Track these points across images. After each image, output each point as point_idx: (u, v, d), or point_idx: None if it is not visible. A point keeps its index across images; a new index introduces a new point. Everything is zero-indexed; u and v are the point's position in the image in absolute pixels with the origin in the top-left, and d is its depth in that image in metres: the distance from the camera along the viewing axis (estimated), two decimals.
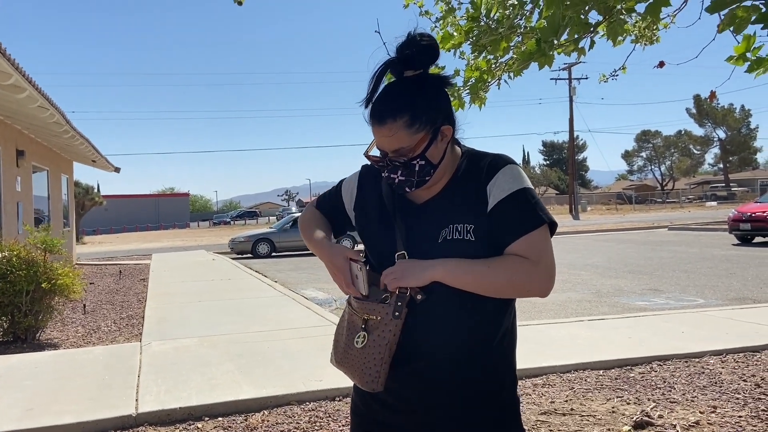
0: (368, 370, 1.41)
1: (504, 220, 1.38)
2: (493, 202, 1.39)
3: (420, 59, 1.40)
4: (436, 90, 1.43)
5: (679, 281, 9.95)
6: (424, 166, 1.40)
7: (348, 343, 1.47)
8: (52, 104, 8.07)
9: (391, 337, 1.39)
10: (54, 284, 6.43)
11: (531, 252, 1.37)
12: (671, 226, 24.68)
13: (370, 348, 1.41)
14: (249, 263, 16.31)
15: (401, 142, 1.37)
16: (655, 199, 63.92)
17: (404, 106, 1.37)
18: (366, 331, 1.43)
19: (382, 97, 1.41)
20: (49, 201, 13.57)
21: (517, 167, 1.44)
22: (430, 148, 1.39)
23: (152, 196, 77.75)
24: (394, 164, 1.40)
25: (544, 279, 1.38)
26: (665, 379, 4.45)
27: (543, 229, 1.39)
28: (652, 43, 3.55)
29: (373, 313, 1.43)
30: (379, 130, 1.39)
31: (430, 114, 1.38)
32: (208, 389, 4.40)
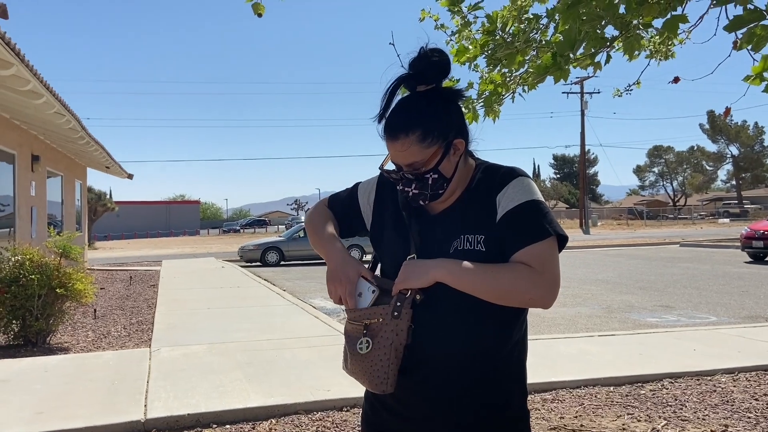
0: (376, 372, 1.41)
1: (511, 229, 1.39)
2: (501, 211, 1.41)
3: (432, 74, 1.42)
4: (448, 104, 1.45)
5: (690, 298, 9.86)
6: (437, 180, 1.42)
7: (352, 350, 1.47)
8: (69, 110, 8.17)
9: (393, 337, 1.39)
10: (68, 289, 6.48)
11: (536, 261, 1.36)
12: (683, 243, 24.50)
13: (375, 351, 1.41)
14: (258, 271, 16.34)
15: (414, 157, 1.39)
16: (666, 215, 63.48)
17: (417, 121, 1.39)
18: (368, 336, 1.43)
19: (395, 112, 1.43)
20: (63, 206, 13.69)
21: (528, 179, 1.45)
22: (443, 162, 1.41)
23: (163, 203, 78.18)
24: (408, 178, 1.42)
25: (546, 289, 1.36)
26: (676, 396, 4.41)
27: (550, 241, 1.38)
28: (667, 58, 3.55)
29: (373, 317, 1.43)
30: (392, 144, 1.41)
31: (442, 128, 1.40)
32: (216, 396, 4.40)
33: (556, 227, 1.40)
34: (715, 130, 68.46)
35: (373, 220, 1.62)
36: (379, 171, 1.52)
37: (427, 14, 3.68)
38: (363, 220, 1.65)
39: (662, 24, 1.96)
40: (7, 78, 5.93)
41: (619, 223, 54.00)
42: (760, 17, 1.58)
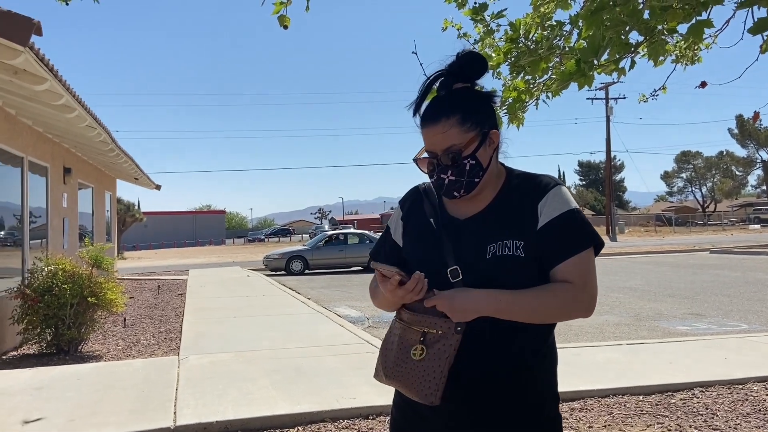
0: (427, 383, 1.42)
1: (553, 240, 1.43)
2: (544, 220, 1.44)
3: (469, 73, 1.49)
4: (483, 100, 1.51)
5: (721, 306, 9.66)
6: (474, 167, 1.45)
7: (401, 356, 1.48)
8: (100, 123, 8.36)
9: (451, 351, 1.41)
10: (99, 298, 6.62)
11: (577, 276, 1.42)
12: (713, 249, 24.02)
13: (430, 361, 1.42)
14: (283, 280, 16.45)
15: (453, 140, 1.44)
16: (695, 222, 62.30)
17: (457, 105, 1.45)
18: (425, 344, 1.44)
19: (435, 100, 1.50)
20: (93, 217, 13.97)
21: (566, 189, 1.50)
22: (480, 150, 1.46)
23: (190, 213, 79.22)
24: (445, 164, 1.46)
25: (587, 303, 1.45)
26: (707, 405, 4.33)
27: (590, 252, 1.45)
28: (693, 63, 3.52)
29: (433, 326, 1.44)
30: (432, 128, 1.46)
31: (479, 116, 1.46)
32: (244, 404, 4.45)
33: (594, 236, 1.46)
34: (745, 134, 67.06)
35: (403, 235, 1.64)
36: (414, 162, 1.56)
37: (449, 23, 3.70)
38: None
39: (687, 29, 1.95)
40: (41, 93, 6.10)
41: (647, 230, 53.16)
42: None
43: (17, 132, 7.73)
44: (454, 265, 1.45)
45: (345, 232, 22.47)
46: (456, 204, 1.54)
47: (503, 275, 1.42)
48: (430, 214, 1.56)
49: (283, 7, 2.64)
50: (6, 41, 4.57)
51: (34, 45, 4.88)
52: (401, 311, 1.55)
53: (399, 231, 1.66)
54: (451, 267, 1.45)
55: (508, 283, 1.42)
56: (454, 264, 1.45)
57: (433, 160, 1.48)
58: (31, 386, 5.12)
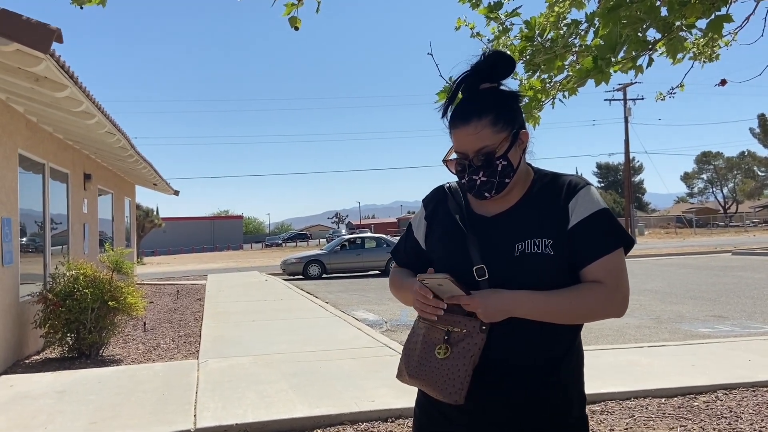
0: (451, 381, 1.41)
1: (585, 239, 1.43)
2: (575, 220, 1.44)
3: (497, 72, 1.49)
4: (511, 99, 1.51)
5: (744, 307, 9.50)
6: (506, 167, 1.45)
7: (425, 356, 1.47)
8: (119, 129, 8.47)
9: (476, 350, 1.41)
10: (119, 302, 6.69)
11: (609, 276, 1.42)
12: (735, 251, 23.64)
13: (454, 360, 1.42)
14: (300, 284, 16.51)
15: (485, 141, 1.43)
16: (717, 223, 61.40)
17: (488, 106, 1.45)
18: (449, 343, 1.44)
19: (465, 101, 1.49)
20: (113, 223, 14.15)
21: (594, 188, 1.50)
22: (511, 150, 1.45)
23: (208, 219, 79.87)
24: (476, 165, 1.45)
25: (620, 304, 1.44)
26: (731, 408, 4.25)
27: (620, 252, 1.45)
28: (711, 60, 3.47)
29: (457, 325, 1.44)
30: (463, 129, 1.45)
31: (509, 117, 1.46)
32: (263, 407, 4.46)
33: (624, 235, 1.46)
34: (767, 133, 66.02)
35: (426, 236, 1.64)
36: (443, 164, 1.56)
37: (462, 23, 3.69)
38: (426, 251, 1.65)
39: (706, 25, 1.93)
40: (61, 100, 6.19)
41: (667, 231, 52.50)
42: None
43: (39, 139, 7.86)
44: (480, 263, 1.45)
45: (362, 236, 22.50)
46: (483, 203, 1.54)
47: (531, 273, 1.42)
48: (456, 212, 1.56)
49: (294, 8, 2.65)
50: (27, 48, 4.65)
51: (54, 52, 4.96)
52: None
53: (422, 230, 1.65)
54: (477, 265, 1.45)
55: (535, 282, 1.41)
56: (480, 262, 1.45)
57: (464, 162, 1.47)
58: (53, 389, 5.19)
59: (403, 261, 1.73)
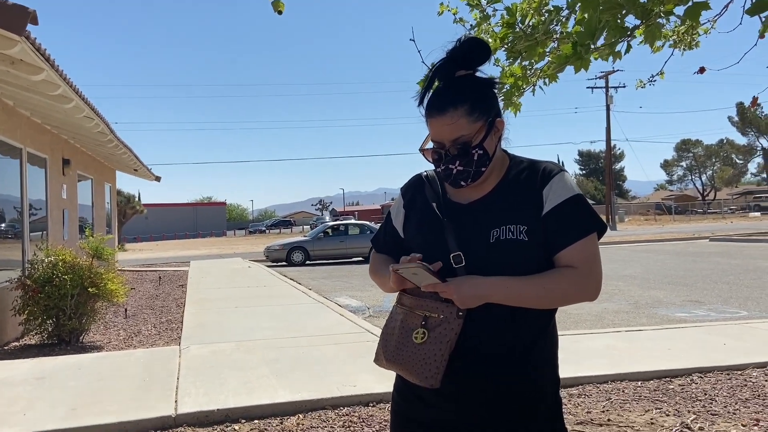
0: (428, 366, 1.43)
1: (558, 225, 1.45)
2: (549, 206, 1.45)
3: (472, 58, 1.49)
4: (487, 87, 1.51)
5: (720, 293, 9.68)
6: (482, 156, 1.46)
7: (403, 341, 1.49)
8: (98, 114, 8.34)
9: (453, 335, 1.43)
10: (100, 289, 6.63)
11: (582, 261, 1.44)
12: (713, 237, 24.03)
13: (431, 344, 1.44)
14: (284, 271, 16.49)
15: (461, 130, 1.44)
16: (695, 210, 62.30)
17: (464, 95, 1.45)
18: (426, 328, 1.46)
19: (441, 90, 1.49)
20: (93, 209, 13.98)
21: (569, 174, 1.51)
22: (487, 139, 1.46)
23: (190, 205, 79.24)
24: (452, 154, 1.46)
25: (594, 288, 1.47)
26: (706, 391, 4.35)
27: (593, 237, 1.47)
28: (691, 48, 3.50)
29: (435, 311, 1.46)
30: (439, 119, 1.45)
31: (485, 105, 1.46)
32: (245, 392, 4.47)
33: (597, 221, 1.48)
34: (745, 122, 66.92)
35: (404, 224, 1.65)
36: (420, 153, 1.56)
37: (445, 8, 3.68)
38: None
39: (684, 11, 1.95)
40: (38, 83, 6.08)
41: (647, 218, 53.18)
42: None
43: (16, 123, 7.72)
44: (457, 250, 1.46)
45: (346, 223, 22.49)
46: (459, 190, 1.55)
47: (506, 259, 1.43)
48: (433, 200, 1.57)
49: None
50: (2, 30, 4.55)
51: (30, 34, 4.86)
52: (403, 296, 1.56)
53: (400, 218, 1.67)
54: (454, 253, 1.46)
55: (511, 268, 1.43)
56: (456, 249, 1.46)
57: (440, 151, 1.48)
58: (32, 376, 5.14)
59: (382, 249, 1.74)
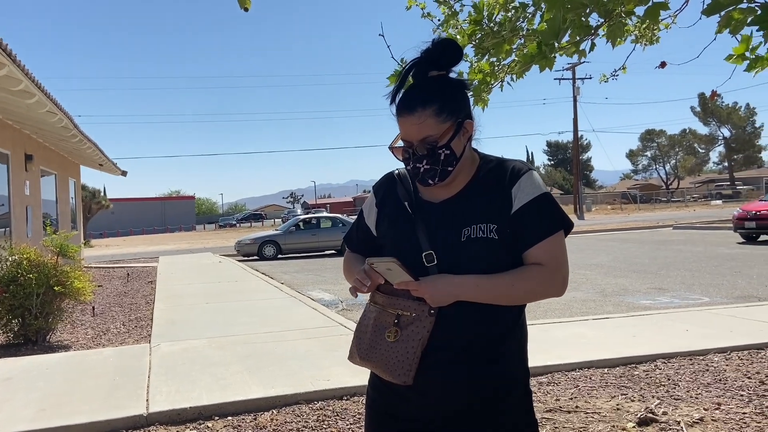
0: (400, 363, 1.46)
1: (527, 223, 1.49)
2: (518, 204, 1.49)
3: (445, 59, 1.51)
4: (458, 89, 1.54)
5: (684, 280, 9.96)
6: (449, 156, 1.49)
7: (376, 339, 1.52)
8: (61, 109, 8.16)
9: (425, 333, 1.46)
10: (66, 287, 6.52)
11: (549, 258, 1.48)
12: (676, 225, 24.64)
13: (404, 342, 1.47)
14: (255, 265, 16.38)
15: (429, 130, 1.46)
16: (660, 198, 63.74)
17: (433, 96, 1.47)
18: (398, 326, 1.49)
19: (411, 89, 1.51)
20: (57, 205, 13.68)
21: (537, 173, 1.55)
22: (455, 140, 1.49)
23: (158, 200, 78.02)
24: (420, 154, 1.49)
25: (561, 285, 1.52)
26: (669, 376, 4.49)
27: (560, 234, 1.51)
28: (652, 43, 3.59)
29: (407, 309, 1.49)
30: (408, 118, 1.48)
31: (455, 107, 1.49)
32: (217, 389, 4.46)
33: (564, 219, 1.52)
34: (707, 112, 68.70)
35: (377, 222, 1.68)
36: (390, 150, 1.58)
37: (413, 2, 3.70)
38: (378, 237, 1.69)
39: (644, 12, 2.01)
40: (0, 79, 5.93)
41: (613, 207, 54.21)
42: (736, 1, 1.63)
43: None
44: (429, 248, 1.49)
45: (318, 216, 22.43)
46: (430, 189, 1.58)
47: (477, 258, 1.47)
48: (405, 198, 1.60)
49: None
50: None
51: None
52: (376, 295, 1.58)
53: (373, 217, 1.69)
54: (426, 251, 1.49)
55: (482, 266, 1.46)
56: (429, 248, 1.49)
57: (409, 149, 1.50)
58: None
59: (355, 247, 1.76)
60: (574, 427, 3.63)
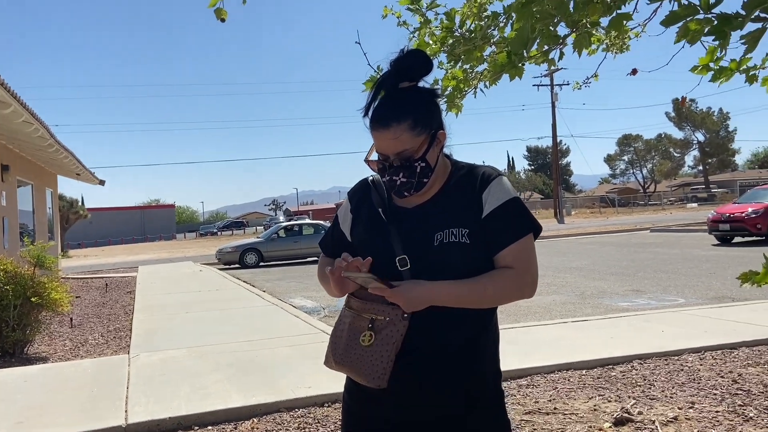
0: (375, 367, 1.49)
1: (497, 227, 1.53)
2: (488, 209, 1.53)
3: (414, 71, 1.54)
4: (430, 100, 1.57)
5: (660, 282, 10.12)
6: (424, 168, 1.52)
7: (351, 343, 1.55)
8: (37, 119, 8.08)
9: (399, 337, 1.49)
10: (43, 298, 6.44)
11: (519, 261, 1.52)
12: (653, 228, 24.99)
13: (378, 347, 1.50)
14: (237, 273, 16.29)
15: (405, 145, 1.50)
16: (637, 202, 64.57)
17: (407, 110, 1.50)
18: (373, 330, 1.51)
19: (384, 103, 1.53)
20: (34, 215, 13.49)
21: (506, 178, 1.60)
22: (429, 152, 1.52)
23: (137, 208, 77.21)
24: (396, 166, 1.52)
25: (529, 287, 1.55)
26: (645, 377, 4.56)
27: (529, 237, 1.55)
28: (622, 51, 3.68)
29: (381, 314, 1.52)
30: (383, 133, 1.51)
31: (428, 119, 1.53)
32: (197, 399, 4.44)
33: (533, 222, 1.56)
34: (681, 117, 69.90)
35: (352, 228, 1.70)
36: (365, 163, 1.61)
37: (389, 11, 3.75)
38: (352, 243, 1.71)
39: (608, 22, 2.08)
40: None
41: (593, 211, 54.82)
42: (693, 12, 1.69)
43: None
44: (402, 253, 1.52)
45: (300, 223, 22.36)
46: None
47: (450, 262, 1.50)
48: (379, 204, 1.63)
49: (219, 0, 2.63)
50: None
51: None
52: (350, 299, 1.61)
53: (348, 223, 1.72)
54: (399, 256, 1.52)
55: (454, 270, 1.50)
56: (402, 253, 1.52)
57: (385, 162, 1.53)
58: None
59: (330, 252, 1.78)
60: (553, 428, 3.68)
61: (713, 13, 1.70)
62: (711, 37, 1.72)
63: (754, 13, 1.73)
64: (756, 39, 1.80)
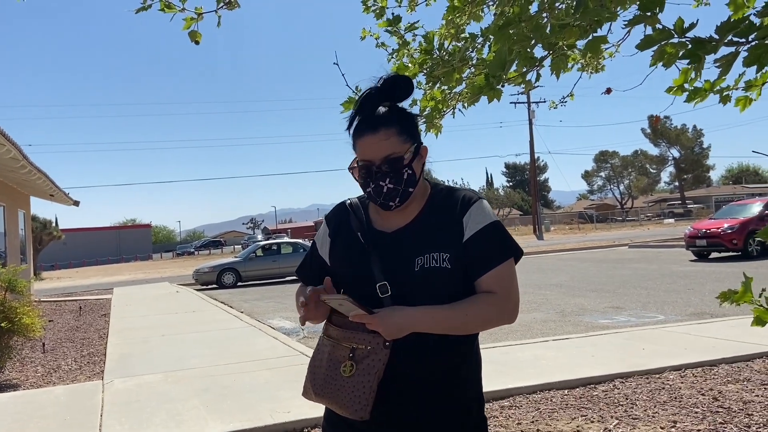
0: (357, 398, 1.44)
1: (477, 252, 1.50)
2: (468, 233, 1.51)
3: (396, 93, 1.55)
4: (411, 118, 1.59)
5: (639, 298, 10.18)
6: (411, 176, 1.52)
7: (331, 374, 1.50)
8: (9, 140, 7.93)
9: (380, 366, 1.45)
10: (14, 323, 6.26)
11: (500, 286, 1.50)
12: (631, 244, 25.28)
13: (359, 377, 1.45)
14: (214, 294, 16.07)
15: (393, 148, 1.49)
16: (615, 218, 65.44)
17: (394, 118, 1.53)
18: (354, 360, 1.47)
19: (370, 114, 1.54)
20: (6, 237, 13.20)
21: (486, 202, 1.58)
22: (414, 161, 1.52)
23: (113, 229, 76.13)
24: (383, 171, 1.50)
25: (511, 312, 1.53)
26: (627, 396, 4.55)
27: (510, 262, 1.54)
28: (597, 71, 3.73)
29: (362, 342, 1.47)
30: (371, 137, 1.50)
31: (413, 131, 1.55)
32: (173, 425, 4.32)
33: (514, 247, 1.55)
34: (657, 134, 71.28)
35: (330, 253, 1.66)
36: (349, 171, 1.58)
37: (367, 33, 3.75)
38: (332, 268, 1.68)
39: (584, 45, 2.09)
40: None
41: (571, 227, 55.35)
42: (668, 36, 1.70)
43: None
44: (383, 279, 1.49)
45: (278, 241, 22.18)
46: (383, 218, 1.59)
47: (431, 287, 1.47)
48: (357, 228, 1.60)
49: (193, 22, 2.59)
50: None
51: None
52: (329, 328, 1.56)
53: (326, 248, 1.68)
54: (379, 282, 1.49)
55: (436, 295, 1.47)
56: (382, 279, 1.49)
57: (371, 168, 1.51)
58: None
59: (308, 278, 1.73)
60: None
61: (687, 38, 1.71)
62: (686, 60, 1.73)
63: (727, 37, 1.75)
64: (730, 63, 1.81)
